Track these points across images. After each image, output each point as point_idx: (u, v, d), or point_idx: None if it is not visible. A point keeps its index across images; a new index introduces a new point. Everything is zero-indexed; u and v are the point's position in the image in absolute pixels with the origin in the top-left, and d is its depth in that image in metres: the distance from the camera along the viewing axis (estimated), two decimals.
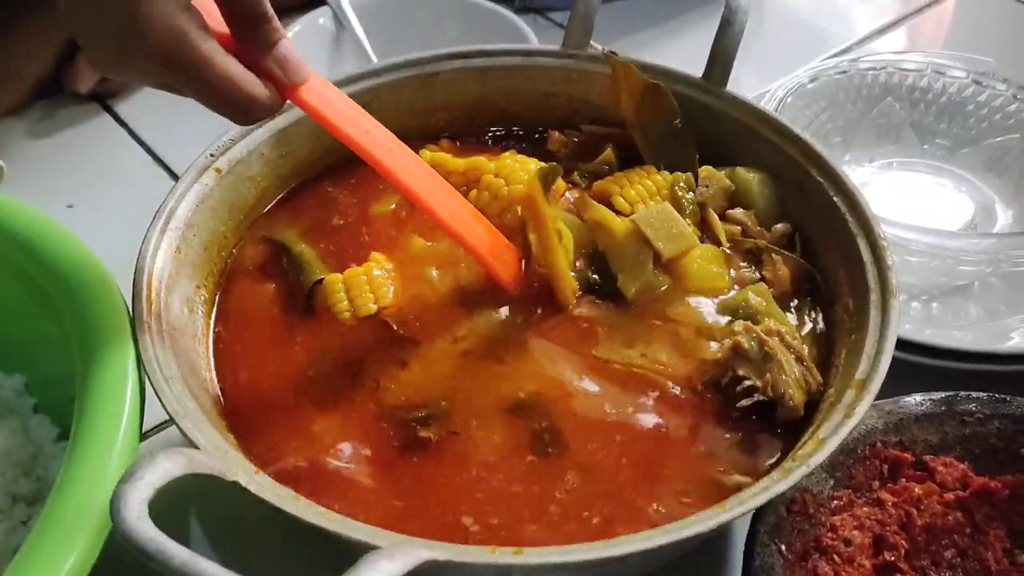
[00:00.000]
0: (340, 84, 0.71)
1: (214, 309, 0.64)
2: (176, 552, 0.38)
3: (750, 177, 0.70)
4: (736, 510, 0.46)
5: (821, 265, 0.65)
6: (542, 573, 0.46)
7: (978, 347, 0.70)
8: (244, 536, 0.60)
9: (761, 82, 0.96)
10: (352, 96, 0.69)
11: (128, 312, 0.53)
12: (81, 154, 0.95)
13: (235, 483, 0.45)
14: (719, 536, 0.61)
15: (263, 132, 0.68)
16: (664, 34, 1.12)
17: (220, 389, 0.59)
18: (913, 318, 0.75)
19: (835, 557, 0.53)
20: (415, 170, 0.59)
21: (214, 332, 0.62)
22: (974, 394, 0.60)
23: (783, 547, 0.52)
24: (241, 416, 0.57)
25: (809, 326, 0.63)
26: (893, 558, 0.54)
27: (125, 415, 0.47)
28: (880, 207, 0.62)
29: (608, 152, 0.72)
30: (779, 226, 0.68)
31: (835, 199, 0.64)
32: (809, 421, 0.55)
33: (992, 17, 1.19)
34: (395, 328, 0.61)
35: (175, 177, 0.91)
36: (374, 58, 0.96)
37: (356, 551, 0.43)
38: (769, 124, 0.70)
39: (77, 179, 0.91)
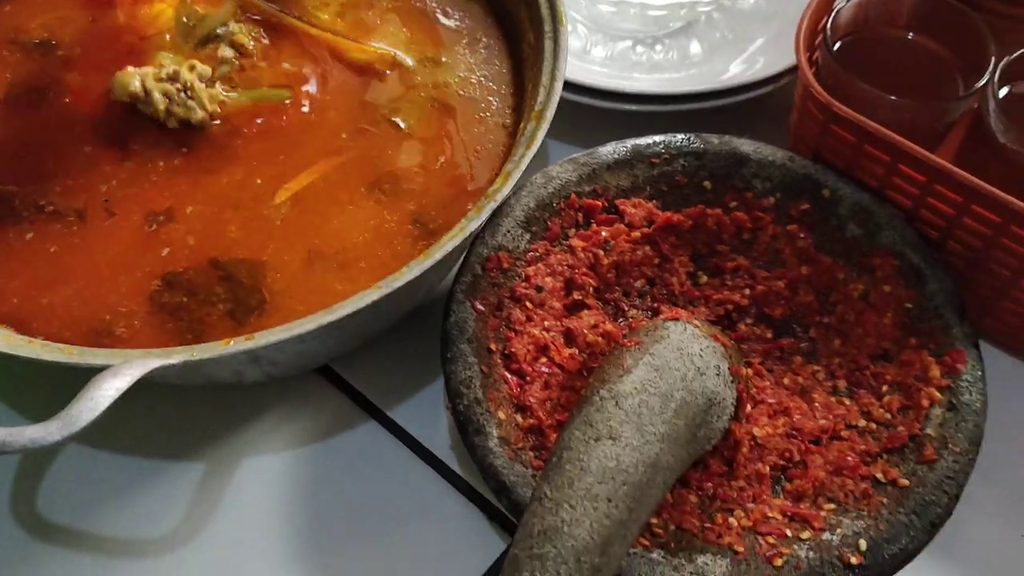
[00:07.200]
0: None
1: None
2: None
3: None
4: (437, 255, 0.52)
5: (508, 5, 0.68)
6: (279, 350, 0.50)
7: (696, 87, 0.73)
8: None
9: None
10: None
11: None
12: None
13: None
14: (435, 302, 0.64)
15: None
16: None
17: None
18: (639, 64, 0.77)
19: (527, 303, 0.58)
20: None
21: None
22: (659, 137, 0.63)
23: (478, 303, 0.56)
24: None
25: (496, 66, 0.67)
26: (581, 296, 0.60)
27: None
28: None
29: None
30: None
31: None
32: None
33: None
34: None
35: None
36: None
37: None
38: None
39: None
